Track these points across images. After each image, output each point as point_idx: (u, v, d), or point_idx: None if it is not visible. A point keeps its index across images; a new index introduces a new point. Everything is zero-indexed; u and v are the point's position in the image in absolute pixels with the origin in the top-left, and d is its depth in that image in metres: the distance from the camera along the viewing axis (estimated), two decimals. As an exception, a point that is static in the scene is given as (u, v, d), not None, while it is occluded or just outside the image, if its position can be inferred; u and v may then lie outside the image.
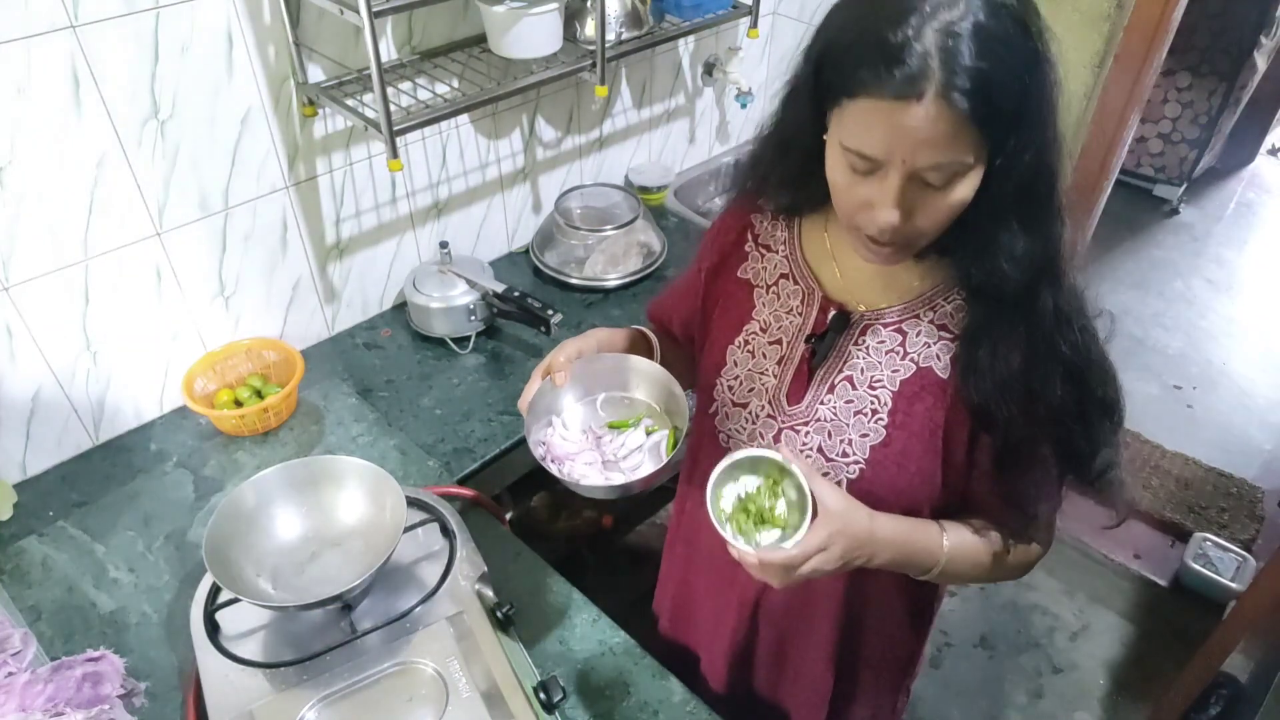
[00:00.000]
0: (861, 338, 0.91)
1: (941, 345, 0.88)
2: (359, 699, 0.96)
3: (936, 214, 0.76)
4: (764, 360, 0.97)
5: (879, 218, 0.76)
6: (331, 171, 1.51)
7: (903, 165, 0.72)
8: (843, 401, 0.91)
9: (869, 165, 0.74)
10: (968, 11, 0.68)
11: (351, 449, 1.41)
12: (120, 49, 1.18)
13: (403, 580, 1.09)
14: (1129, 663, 2.21)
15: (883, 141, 0.72)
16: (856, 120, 0.73)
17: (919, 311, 0.89)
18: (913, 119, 0.69)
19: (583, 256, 1.81)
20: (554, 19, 1.47)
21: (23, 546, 1.25)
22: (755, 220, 1.00)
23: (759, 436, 0.96)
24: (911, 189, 0.74)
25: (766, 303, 0.97)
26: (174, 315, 1.42)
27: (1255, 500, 2.55)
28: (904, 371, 0.89)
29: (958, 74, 0.67)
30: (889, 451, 0.90)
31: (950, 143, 0.70)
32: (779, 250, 0.98)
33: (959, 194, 0.75)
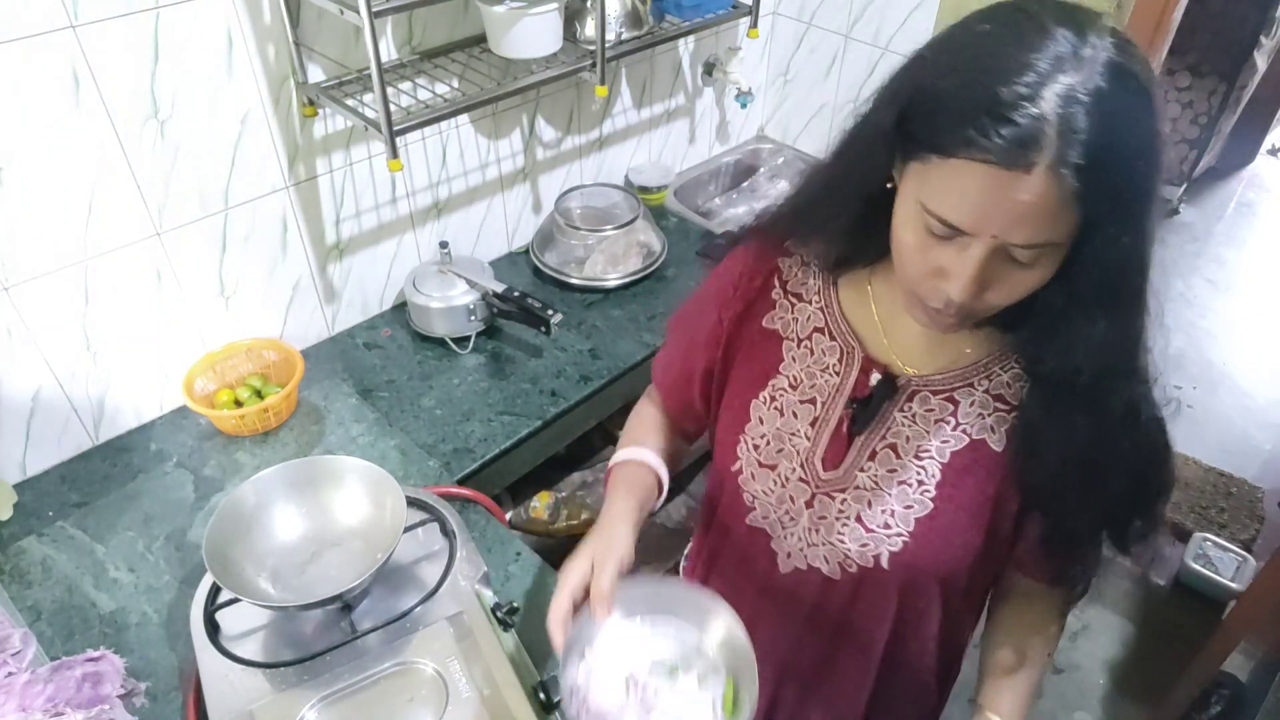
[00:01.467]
0: (908, 404, 0.84)
1: (996, 417, 0.82)
2: (359, 699, 0.96)
3: (1012, 291, 0.69)
4: (794, 420, 0.89)
5: (951, 291, 0.68)
6: (331, 171, 1.51)
7: (992, 240, 0.64)
8: (885, 470, 0.85)
9: (950, 232, 0.66)
10: (1091, 75, 0.59)
11: (351, 449, 1.41)
12: (120, 49, 1.18)
13: (403, 580, 1.09)
14: (1129, 663, 2.21)
15: (976, 211, 0.63)
16: (947, 182, 0.64)
17: (973, 380, 0.83)
18: (1017, 192, 0.60)
19: (583, 256, 1.81)
20: (554, 19, 1.47)
21: (23, 546, 1.25)
22: (783, 265, 0.91)
23: (789, 500, 0.90)
24: (992, 263, 0.66)
25: (797, 357, 0.89)
26: (174, 315, 1.42)
27: (1255, 500, 2.55)
28: (955, 443, 0.83)
29: (1074, 147, 0.59)
30: (935, 525, 0.84)
31: (1050, 221, 0.62)
32: (812, 300, 0.89)
33: (1041, 272, 0.67)
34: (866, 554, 0.87)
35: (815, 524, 0.89)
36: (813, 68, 2.19)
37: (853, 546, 0.87)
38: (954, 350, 0.84)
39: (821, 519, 0.88)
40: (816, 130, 2.28)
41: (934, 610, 0.92)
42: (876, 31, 2.00)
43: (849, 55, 2.09)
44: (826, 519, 0.88)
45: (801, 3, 2.12)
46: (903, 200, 0.70)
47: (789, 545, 0.92)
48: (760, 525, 0.94)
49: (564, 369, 1.60)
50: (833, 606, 0.94)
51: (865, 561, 0.87)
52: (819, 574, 0.91)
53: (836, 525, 0.88)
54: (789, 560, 0.93)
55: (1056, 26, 0.61)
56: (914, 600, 0.91)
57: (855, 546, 0.87)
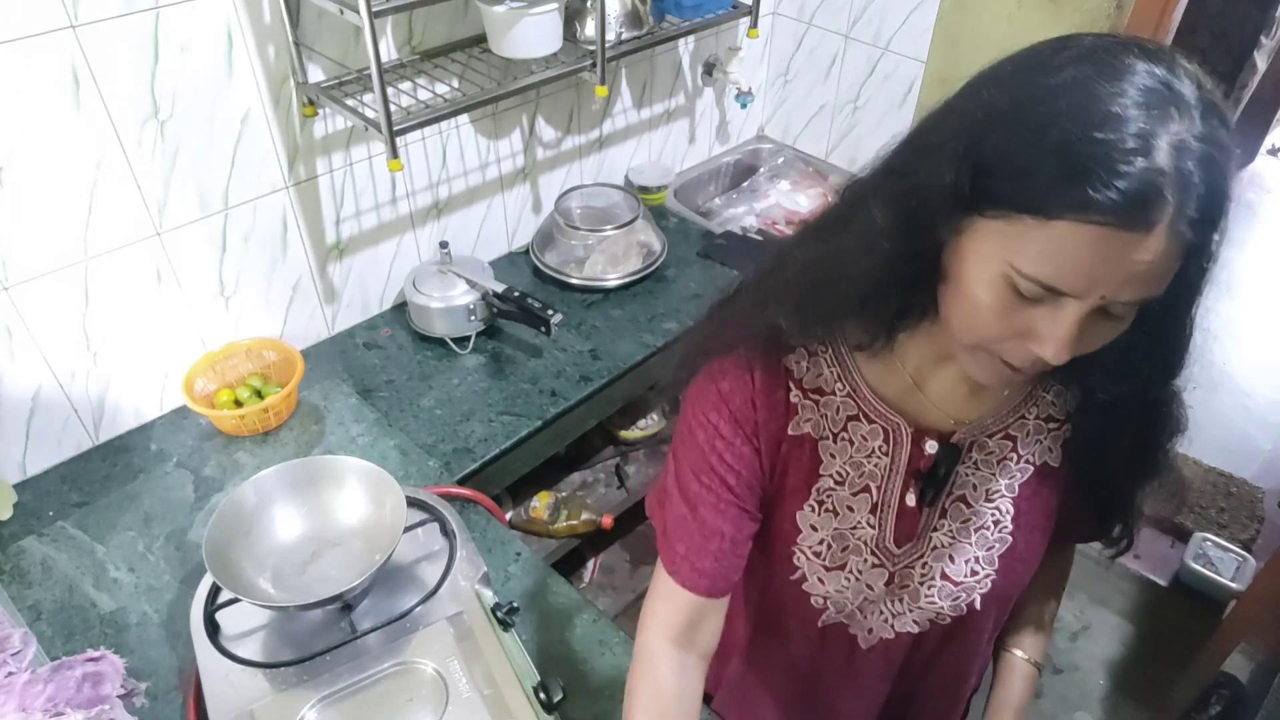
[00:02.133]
0: (969, 455, 0.81)
1: (1052, 437, 0.82)
2: (359, 699, 0.96)
3: (1097, 343, 0.64)
4: (852, 514, 0.83)
5: (1042, 351, 0.62)
6: (331, 171, 1.51)
7: (1100, 300, 0.58)
8: (959, 523, 0.83)
9: (1046, 294, 0.59)
10: (1192, 119, 0.54)
11: (351, 449, 1.41)
12: (120, 49, 1.18)
13: (403, 580, 1.09)
14: (1129, 663, 2.21)
15: (1086, 274, 0.57)
16: (1051, 246, 0.57)
17: (1024, 411, 0.81)
18: (1136, 253, 0.55)
19: (583, 256, 1.81)
20: (554, 19, 1.47)
21: (23, 546, 1.25)
22: (790, 364, 0.80)
23: (867, 589, 0.85)
24: (1088, 319, 0.60)
25: (837, 453, 0.81)
26: (174, 315, 1.42)
27: (1255, 500, 2.55)
28: (1021, 476, 0.82)
29: (1191, 201, 0.54)
30: (1015, 554, 0.84)
31: (1162, 279, 0.57)
32: (836, 391, 0.80)
33: (1128, 322, 0.63)
34: (960, 605, 0.85)
35: (897, 594, 0.86)
36: (813, 68, 2.19)
37: (944, 604, 0.85)
38: (996, 390, 0.80)
39: (904, 588, 0.85)
40: (816, 130, 2.28)
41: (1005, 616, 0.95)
42: (876, 31, 2.00)
43: (849, 55, 2.09)
44: (909, 587, 0.85)
45: (801, 3, 2.12)
46: (980, 263, 0.62)
47: (871, 623, 0.88)
48: (835, 620, 0.89)
49: (564, 369, 1.60)
50: (921, 659, 0.92)
51: (959, 612, 0.86)
52: (908, 635, 0.89)
53: (922, 590, 0.85)
54: (870, 636, 0.89)
55: (1137, 61, 0.56)
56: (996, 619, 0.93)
57: (948, 603, 0.85)
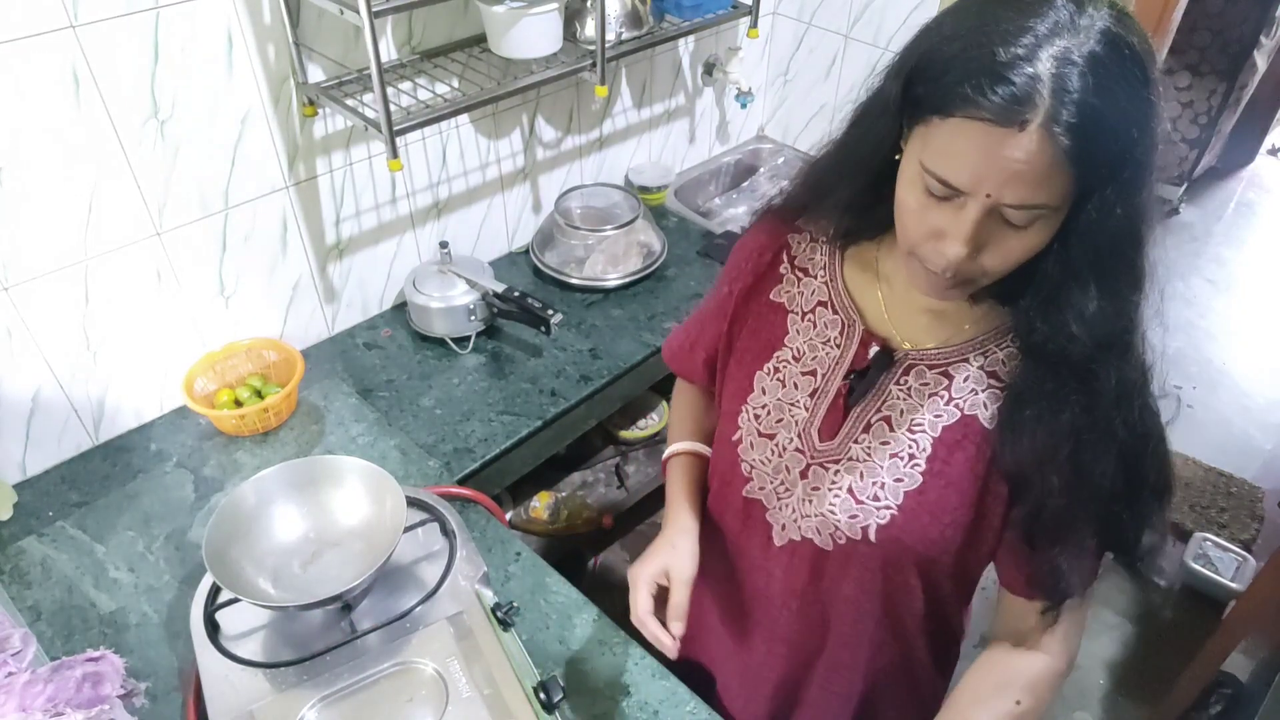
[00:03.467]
0: (904, 377, 0.86)
1: (990, 394, 0.83)
2: (359, 699, 0.96)
3: (1007, 255, 0.70)
4: (795, 391, 0.91)
5: (946, 250, 0.70)
6: (331, 171, 1.51)
7: (986, 199, 0.66)
8: (878, 442, 0.86)
9: (948, 192, 0.68)
10: (1087, 40, 0.62)
11: (351, 449, 1.41)
12: (120, 49, 1.18)
13: (403, 580, 1.09)
14: (1129, 663, 2.21)
15: (970, 168, 0.65)
16: (945, 141, 0.66)
17: (968, 355, 0.84)
18: (1009, 149, 0.62)
19: (583, 256, 1.81)
20: (554, 19, 1.47)
21: (23, 546, 1.25)
22: (792, 241, 0.94)
23: (785, 470, 0.92)
24: (987, 224, 0.68)
25: (800, 330, 0.91)
26: (174, 315, 1.42)
27: (1255, 500, 2.55)
28: (947, 417, 0.84)
29: (1066, 106, 0.61)
30: (923, 500, 0.85)
31: (1043, 182, 0.64)
32: (817, 275, 0.91)
33: (1035, 237, 0.69)
34: (855, 526, 0.88)
35: (809, 495, 0.91)
36: (813, 68, 2.19)
37: (842, 518, 0.88)
38: (952, 326, 0.85)
39: (815, 489, 0.90)
40: (816, 130, 2.27)
41: (919, 589, 0.93)
42: (876, 31, 2.00)
43: (849, 55, 2.09)
44: (820, 489, 0.90)
45: (801, 3, 2.12)
46: (905, 164, 0.72)
47: (783, 517, 0.94)
48: (757, 496, 0.96)
49: (564, 369, 1.60)
50: (826, 581, 0.95)
51: (854, 534, 0.88)
52: (811, 545, 0.93)
53: (829, 496, 0.89)
54: (783, 533, 0.95)
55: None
56: (900, 577, 0.92)
57: (845, 518, 0.88)
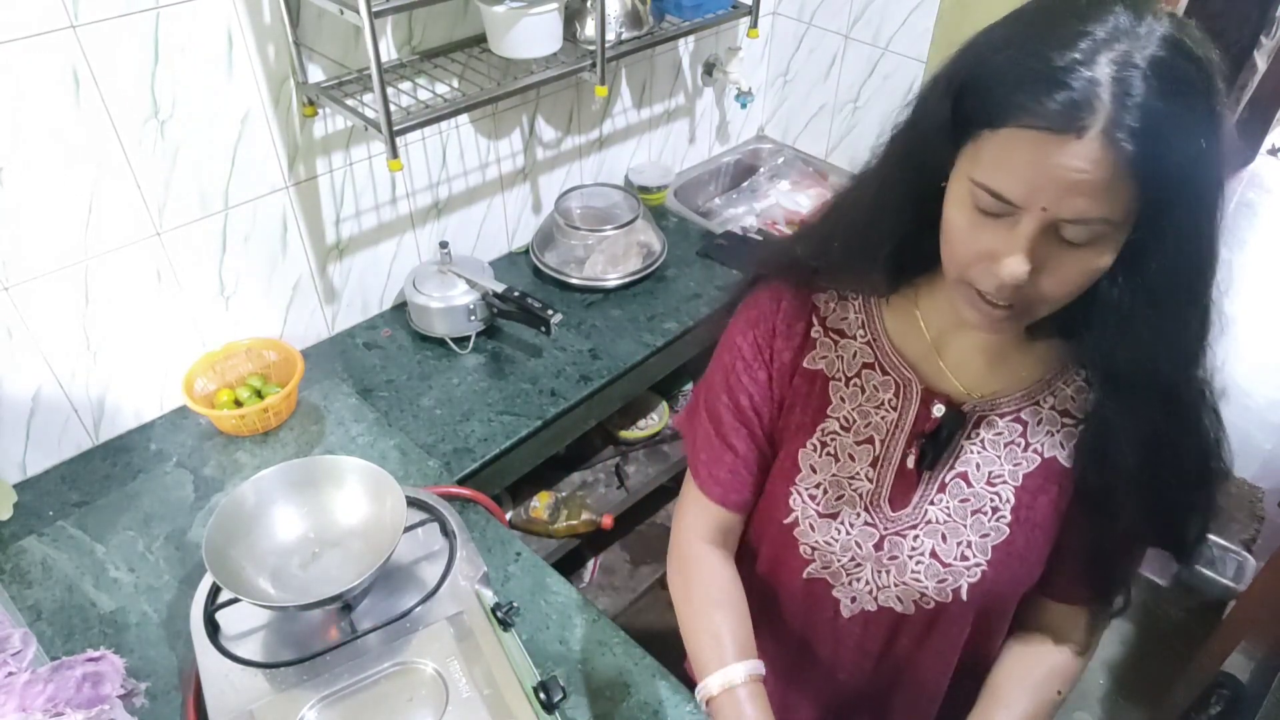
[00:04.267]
0: (975, 430, 0.81)
1: (1065, 432, 0.80)
2: (359, 699, 0.96)
3: (1067, 278, 0.65)
4: (852, 463, 0.84)
5: (1003, 269, 0.64)
6: (331, 171, 1.51)
7: (1043, 214, 0.61)
8: (957, 501, 0.82)
9: (1001, 208, 0.63)
10: (1148, 45, 0.58)
11: (351, 449, 1.41)
12: (120, 49, 1.18)
13: (403, 580, 1.09)
14: (1129, 663, 2.21)
15: (1026, 180, 0.61)
16: (998, 152, 0.62)
17: (1039, 398, 0.80)
18: (1068, 157, 0.58)
19: (583, 256, 1.81)
20: (554, 19, 1.47)
21: (23, 546, 1.25)
22: (819, 302, 0.85)
23: (855, 546, 0.85)
24: (1044, 243, 0.63)
25: (847, 397, 0.84)
26: (174, 315, 1.42)
27: (1255, 500, 2.55)
28: (1026, 465, 0.81)
29: (1129, 111, 0.57)
30: (1013, 549, 0.82)
31: (1104, 194, 0.59)
32: (857, 336, 0.84)
33: (1096, 258, 0.64)
34: (945, 589, 0.84)
35: (885, 565, 0.85)
36: (813, 68, 2.19)
37: (930, 584, 0.84)
38: (1014, 369, 0.80)
39: (893, 559, 0.85)
40: (816, 130, 2.28)
41: (1002, 629, 0.92)
42: (876, 31, 2.00)
43: (849, 55, 2.09)
44: (898, 558, 0.84)
45: (801, 3, 2.12)
46: (953, 184, 0.68)
47: (854, 590, 0.88)
48: (820, 575, 0.89)
49: (564, 369, 1.60)
50: (905, 641, 0.91)
51: (943, 597, 0.85)
52: (891, 613, 0.88)
53: (910, 564, 0.84)
54: (853, 605, 0.89)
55: (1115, 3, 0.60)
56: (987, 624, 0.90)
57: (933, 584, 0.84)
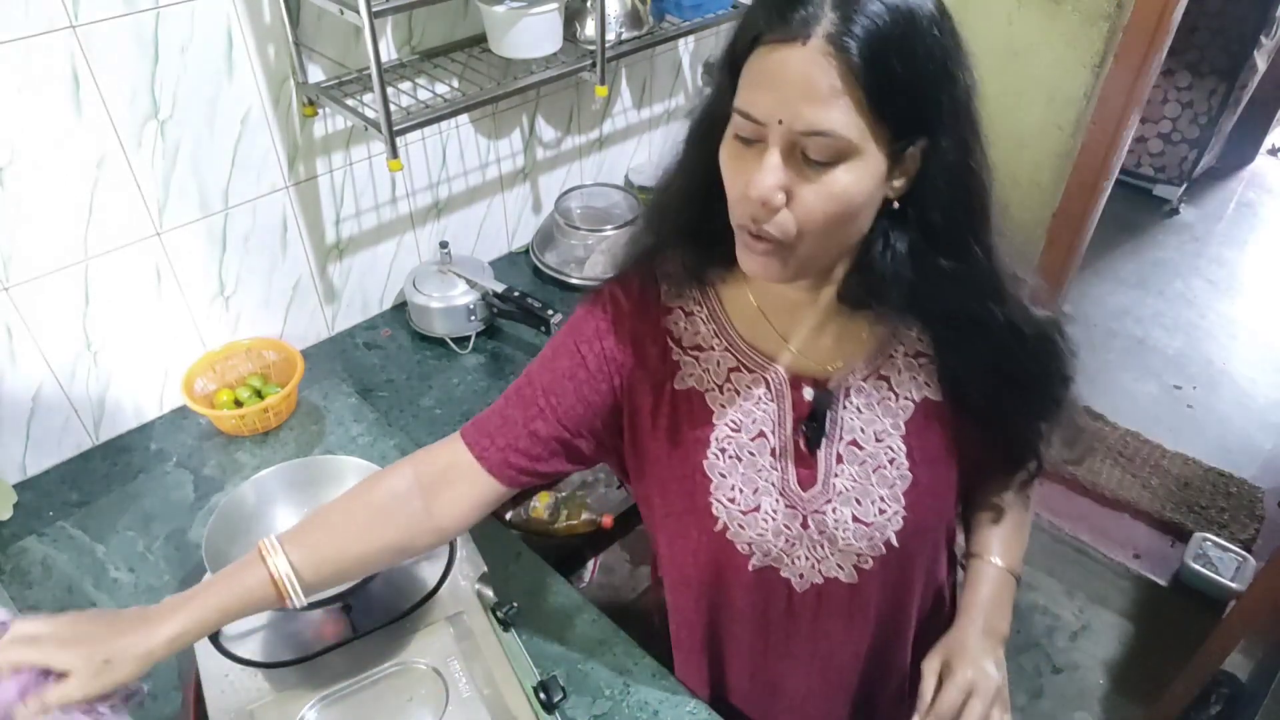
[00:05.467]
0: (849, 400, 0.87)
1: (926, 371, 0.87)
2: (359, 699, 0.96)
3: (815, 206, 0.70)
4: (754, 459, 0.88)
5: (752, 187, 0.69)
6: (331, 171, 1.51)
7: (780, 127, 0.67)
8: (857, 466, 0.87)
9: (753, 130, 0.69)
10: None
11: (351, 449, 1.41)
12: (120, 49, 1.18)
13: (403, 580, 1.09)
14: (1129, 663, 2.21)
15: (765, 94, 0.67)
16: (747, 75, 0.69)
17: (891, 350, 0.87)
18: (796, 63, 0.65)
19: (583, 256, 1.81)
20: (554, 19, 1.47)
21: (23, 546, 1.25)
22: (669, 325, 0.89)
23: (785, 529, 0.89)
24: (792, 167, 0.69)
25: (725, 403, 0.88)
26: (174, 315, 1.42)
27: (1255, 500, 2.55)
28: (904, 413, 0.87)
29: (853, 20, 0.64)
30: (921, 489, 0.88)
31: (832, 102, 0.65)
32: (714, 346, 0.88)
33: (841, 181, 0.69)
34: (876, 544, 0.89)
35: (818, 541, 0.89)
36: (813, 68, 2.18)
37: (861, 544, 0.89)
38: (856, 337, 0.87)
39: (821, 533, 0.89)
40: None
41: (942, 553, 0.99)
42: (876, 31, 2.00)
43: (849, 55, 2.09)
44: (826, 531, 0.89)
45: (801, 3, 2.12)
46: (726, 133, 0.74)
47: (800, 567, 0.91)
48: (767, 564, 0.92)
49: (564, 369, 1.60)
50: (863, 595, 0.94)
51: (877, 551, 0.89)
52: (837, 582, 0.92)
53: (839, 533, 0.88)
54: (802, 581, 0.92)
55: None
56: (930, 553, 0.96)
57: (864, 544, 0.89)
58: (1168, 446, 2.70)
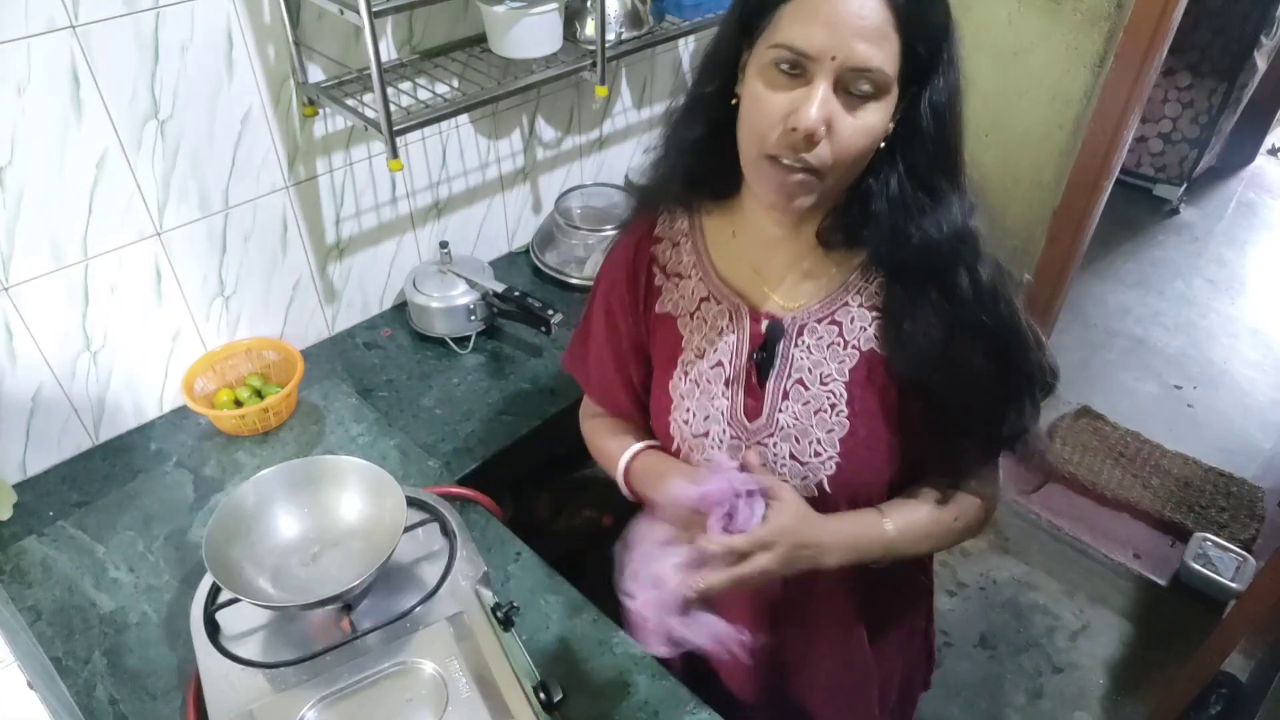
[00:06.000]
0: (800, 339, 0.91)
1: (876, 325, 0.89)
2: (359, 699, 0.96)
3: (851, 140, 0.76)
4: (710, 386, 0.94)
5: (802, 118, 0.74)
6: (331, 171, 1.51)
7: (832, 63, 0.73)
8: (800, 405, 0.91)
9: (798, 62, 0.74)
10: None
11: (351, 449, 1.41)
12: (120, 49, 1.18)
13: (403, 580, 1.09)
14: (1129, 663, 2.21)
15: (820, 30, 0.72)
16: (793, 15, 0.74)
17: (847, 298, 0.90)
18: (854, 5, 0.71)
19: (583, 256, 1.81)
20: (554, 19, 1.47)
21: (23, 546, 1.25)
22: (656, 252, 0.98)
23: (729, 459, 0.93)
24: (834, 100, 0.75)
25: (694, 329, 0.95)
26: (174, 315, 1.42)
27: (1255, 500, 2.55)
28: (850, 360, 0.90)
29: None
30: (857, 440, 0.90)
31: (881, 42, 0.72)
32: (691, 275, 0.95)
33: (875, 116, 0.76)
34: (809, 485, 0.92)
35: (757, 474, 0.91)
36: (813, 67, 2.18)
37: (795, 482, 0.92)
38: (822, 277, 0.91)
39: (761, 467, 0.92)
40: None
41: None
42: (876, 31, 2.00)
43: (849, 55, 2.09)
44: (765, 465, 0.92)
45: (801, 2, 2.12)
46: (753, 64, 0.79)
47: None
48: None
49: (564, 369, 1.60)
50: None
51: (809, 492, 0.92)
52: None
53: (776, 467, 0.93)
54: None
55: None
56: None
57: (797, 481, 0.92)
58: (1168, 446, 2.70)
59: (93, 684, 1.08)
